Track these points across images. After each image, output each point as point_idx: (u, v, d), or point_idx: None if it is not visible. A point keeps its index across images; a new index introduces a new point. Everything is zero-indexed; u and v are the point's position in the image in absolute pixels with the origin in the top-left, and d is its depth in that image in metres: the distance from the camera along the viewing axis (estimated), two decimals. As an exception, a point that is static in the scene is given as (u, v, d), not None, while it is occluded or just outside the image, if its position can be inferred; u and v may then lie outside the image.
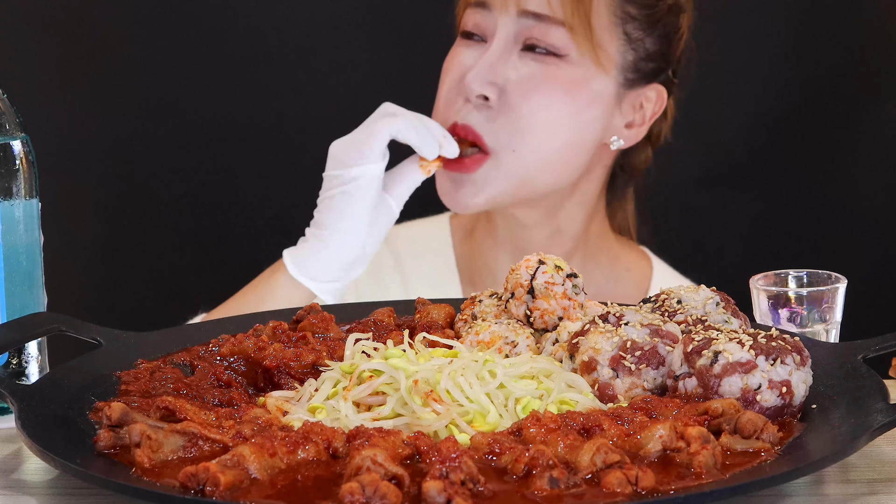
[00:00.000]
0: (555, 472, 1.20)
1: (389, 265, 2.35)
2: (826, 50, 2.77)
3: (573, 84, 2.12)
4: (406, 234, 2.38)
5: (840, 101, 2.77)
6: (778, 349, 1.36)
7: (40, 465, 1.39)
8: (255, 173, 2.82)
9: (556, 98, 2.11)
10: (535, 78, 2.10)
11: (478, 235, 2.32)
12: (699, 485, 1.21)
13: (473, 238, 2.34)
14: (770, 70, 2.78)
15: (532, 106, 2.09)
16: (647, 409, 1.34)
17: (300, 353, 1.49)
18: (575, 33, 2.09)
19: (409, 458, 1.25)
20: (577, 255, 2.28)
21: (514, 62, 2.11)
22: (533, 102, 2.09)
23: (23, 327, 1.53)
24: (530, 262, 1.55)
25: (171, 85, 2.79)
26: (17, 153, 1.62)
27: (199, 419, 1.33)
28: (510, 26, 2.11)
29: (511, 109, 2.09)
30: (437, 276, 2.33)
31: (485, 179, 2.11)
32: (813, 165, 2.79)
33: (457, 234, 2.37)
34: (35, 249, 1.64)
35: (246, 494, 1.19)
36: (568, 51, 2.11)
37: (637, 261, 2.37)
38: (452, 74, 2.14)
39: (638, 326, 1.43)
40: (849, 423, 1.32)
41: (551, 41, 2.10)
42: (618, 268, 2.33)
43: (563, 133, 2.13)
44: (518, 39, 2.11)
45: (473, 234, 2.34)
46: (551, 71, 2.10)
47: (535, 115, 2.10)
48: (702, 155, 2.79)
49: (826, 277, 1.65)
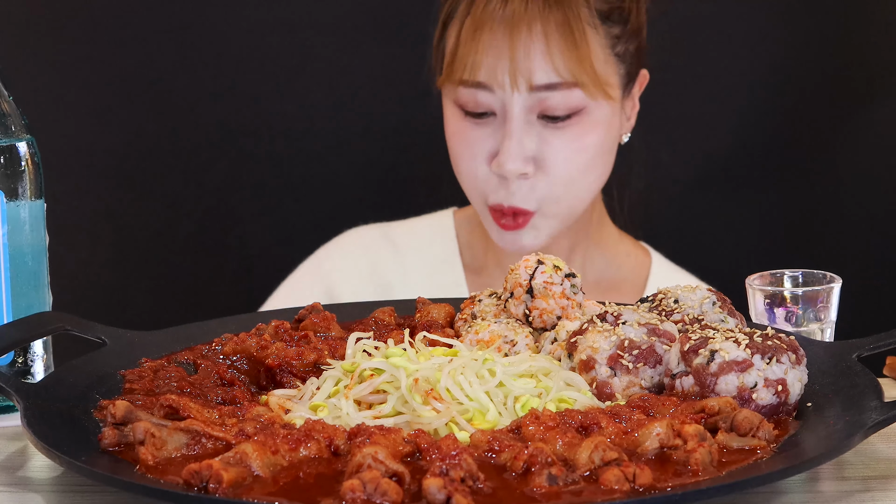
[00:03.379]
0: (553, 470, 1.21)
1: (389, 259, 2.36)
2: (821, 52, 2.77)
3: (595, 131, 2.16)
4: (408, 229, 2.40)
5: (835, 103, 2.77)
6: (774, 348, 1.37)
7: (45, 462, 1.40)
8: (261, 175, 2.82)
9: (587, 152, 2.16)
10: (564, 143, 2.14)
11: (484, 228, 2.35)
12: (696, 482, 1.21)
13: (482, 230, 2.36)
14: (766, 72, 2.78)
15: (570, 168, 2.15)
16: (644, 407, 1.35)
17: (302, 351, 1.50)
18: (587, 87, 2.13)
19: (409, 455, 1.26)
20: (581, 240, 2.32)
21: (539, 131, 2.14)
22: (570, 163, 2.15)
23: (28, 326, 1.53)
24: (529, 261, 1.55)
25: (176, 87, 2.79)
26: (23, 154, 1.63)
27: (202, 417, 1.33)
28: (525, 101, 2.13)
29: (548, 176, 2.15)
30: (439, 268, 2.35)
31: (537, 228, 2.18)
32: (808, 166, 2.79)
33: (461, 228, 2.40)
34: (40, 250, 1.65)
35: (248, 491, 1.19)
36: (585, 104, 2.14)
37: (636, 250, 2.42)
38: (476, 155, 2.17)
39: (635, 326, 1.44)
40: (844, 421, 1.33)
41: (569, 104, 2.13)
42: (619, 254, 2.37)
43: (598, 170, 2.20)
44: (533, 111, 2.14)
45: (481, 226, 2.36)
46: (576, 129, 2.15)
47: (573, 172, 2.15)
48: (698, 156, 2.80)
49: (821, 277, 1.66)
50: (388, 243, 2.37)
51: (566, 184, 2.16)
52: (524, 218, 2.16)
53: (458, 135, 2.19)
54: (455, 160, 2.22)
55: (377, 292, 2.34)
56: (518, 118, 2.12)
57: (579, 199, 2.20)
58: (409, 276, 2.35)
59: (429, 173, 2.68)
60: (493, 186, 2.16)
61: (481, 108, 2.15)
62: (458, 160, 2.20)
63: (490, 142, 2.15)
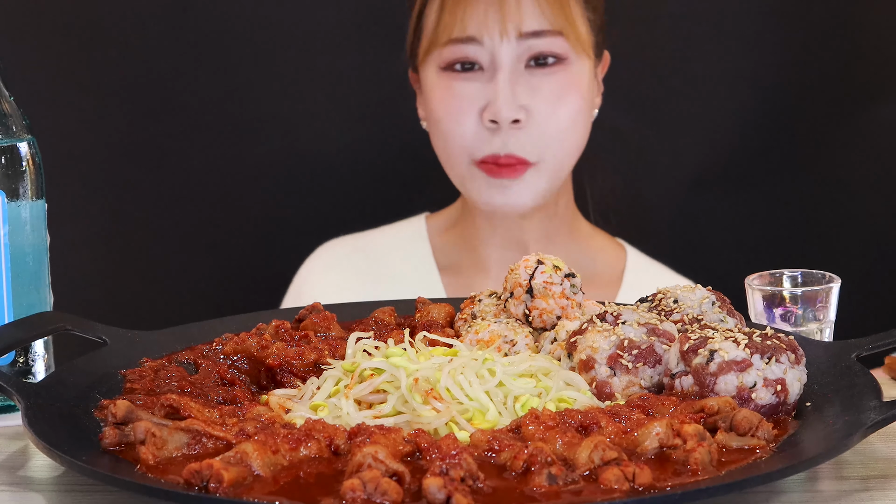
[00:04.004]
0: (553, 469, 1.21)
1: (363, 270, 2.40)
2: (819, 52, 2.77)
3: (580, 83, 2.27)
4: (381, 238, 2.47)
5: (833, 103, 2.77)
6: (773, 348, 1.37)
7: (46, 461, 1.40)
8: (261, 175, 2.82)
9: (574, 102, 2.27)
10: (552, 90, 2.25)
11: (460, 228, 2.41)
12: (695, 481, 1.22)
13: (457, 232, 2.41)
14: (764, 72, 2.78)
15: (559, 116, 2.25)
16: (644, 406, 1.35)
17: (302, 351, 1.50)
18: (568, 36, 2.24)
19: (409, 455, 1.26)
20: (554, 231, 2.38)
21: (528, 80, 2.25)
22: (558, 114, 2.25)
23: (29, 326, 1.54)
24: (529, 261, 1.56)
25: (176, 87, 2.79)
26: (24, 155, 1.63)
27: (202, 417, 1.34)
28: (513, 50, 2.24)
29: (540, 124, 2.24)
30: (413, 273, 2.39)
31: (528, 183, 2.27)
32: (807, 166, 2.79)
33: (434, 231, 2.46)
34: (41, 250, 1.65)
35: (249, 491, 1.20)
36: (568, 54, 2.25)
37: (610, 244, 2.48)
38: (465, 110, 2.25)
39: (635, 325, 1.44)
40: (843, 421, 1.33)
41: (556, 51, 2.25)
42: (592, 248, 2.44)
43: (584, 127, 2.30)
44: (521, 59, 2.24)
45: (455, 228, 2.42)
46: (562, 78, 2.26)
47: (562, 122, 2.26)
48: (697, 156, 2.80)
49: (820, 277, 1.66)
50: (360, 254, 2.43)
51: (555, 134, 2.24)
52: (522, 167, 2.24)
53: (445, 95, 2.27)
54: (441, 122, 2.28)
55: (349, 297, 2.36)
56: (508, 66, 2.23)
57: (567, 154, 2.28)
58: (384, 284, 2.39)
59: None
60: (484, 141, 2.24)
61: (470, 61, 2.25)
62: (445, 119, 2.27)
63: (479, 96, 2.25)
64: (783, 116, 2.79)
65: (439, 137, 2.30)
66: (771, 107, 2.79)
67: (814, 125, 2.79)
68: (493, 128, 2.23)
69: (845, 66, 2.76)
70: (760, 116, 2.79)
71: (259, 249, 2.84)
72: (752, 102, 2.79)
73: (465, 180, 2.29)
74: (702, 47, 2.78)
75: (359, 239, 2.48)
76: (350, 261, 2.43)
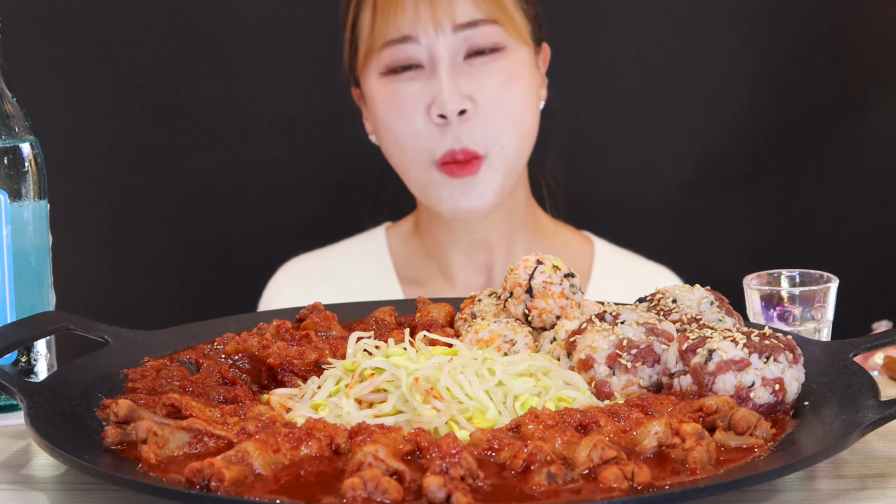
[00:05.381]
0: (552, 468, 1.21)
1: (324, 286, 2.39)
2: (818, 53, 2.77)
3: (521, 70, 2.28)
4: (341, 252, 2.46)
5: (831, 104, 2.77)
6: (771, 347, 1.38)
7: (49, 460, 1.40)
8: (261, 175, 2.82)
9: (518, 89, 2.26)
10: (495, 79, 2.24)
11: (420, 236, 2.41)
12: (694, 480, 1.22)
13: (418, 241, 2.42)
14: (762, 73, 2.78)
15: (503, 105, 2.24)
16: (642, 406, 1.36)
17: (303, 351, 1.50)
18: (504, 24, 2.24)
19: (409, 454, 1.26)
20: (517, 228, 2.38)
21: (468, 72, 2.24)
22: (503, 101, 2.24)
23: (32, 326, 1.54)
24: (528, 262, 1.56)
25: (177, 88, 2.79)
26: (27, 155, 1.63)
27: (204, 416, 1.34)
28: (451, 43, 2.23)
29: (487, 115, 2.23)
30: (373, 285, 2.39)
31: (486, 180, 2.25)
32: (805, 167, 2.80)
33: (395, 242, 2.45)
34: (44, 250, 1.66)
35: (250, 490, 1.20)
36: (505, 42, 2.25)
37: (575, 238, 2.48)
38: (412, 112, 2.24)
39: (634, 325, 1.44)
40: (840, 420, 1.33)
41: (493, 40, 2.25)
42: (557, 244, 2.44)
43: (530, 115, 2.29)
44: (460, 52, 2.24)
45: (415, 236, 2.42)
46: (502, 66, 2.25)
47: (508, 111, 2.25)
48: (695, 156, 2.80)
49: (818, 277, 1.67)
50: (321, 271, 2.42)
51: (504, 122, 2.24)
52: (477, 161, 2.23)
53: (389, 100, 2.26)
54: (390, 127, 2.26)
55: None
56: (448, 59, 2.23)
57: (518, 144, 2.26)
58: (345, 298, 2.38)
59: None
60: (437, 137, 2.23)
61: (410, 61, 2.24)
62: (394, 122, 2.26)
63: (424, 94, 2.24)
64: (781, 116, 2.79)
65: (392, 143, 2.28)
66: (768, 107, 2.79)
67: (812, 127, 2.79)
68: (442, 123, 2.22)
69: (842, 68, 2.76)
70: (758, 116, 2.79)
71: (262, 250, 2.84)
72: (749, 102, 2.79)
73: (426, 185, 2.27)
74: (700, 47, 2.79)
75: (319, 256, 2.47)
76: (312, 278, 2.43)
